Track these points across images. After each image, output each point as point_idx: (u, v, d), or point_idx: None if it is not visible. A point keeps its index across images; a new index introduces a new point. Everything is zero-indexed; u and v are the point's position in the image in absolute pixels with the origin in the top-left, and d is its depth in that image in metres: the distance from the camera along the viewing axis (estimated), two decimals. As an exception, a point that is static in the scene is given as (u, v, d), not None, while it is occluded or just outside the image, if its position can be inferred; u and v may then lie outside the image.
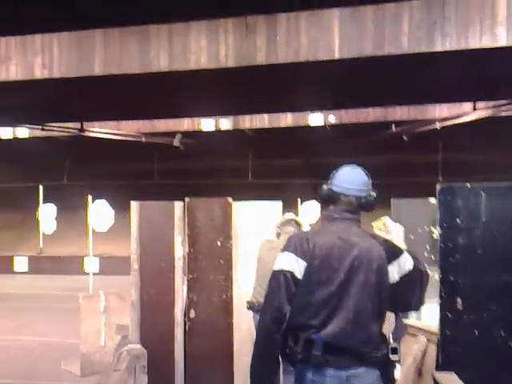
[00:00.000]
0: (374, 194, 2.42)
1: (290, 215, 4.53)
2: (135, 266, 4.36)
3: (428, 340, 3.47)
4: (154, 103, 11.32)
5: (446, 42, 6.88)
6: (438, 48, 6.91)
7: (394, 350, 2.33)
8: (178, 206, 4.46)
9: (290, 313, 2.23)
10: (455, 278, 3.17)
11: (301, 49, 7.37)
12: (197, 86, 9.34)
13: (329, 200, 2.42)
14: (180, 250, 4.44)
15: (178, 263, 4.42)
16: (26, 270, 16.28)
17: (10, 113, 11.71)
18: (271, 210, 4.66)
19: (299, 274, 2.26)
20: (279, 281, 2.26)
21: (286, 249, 2.34)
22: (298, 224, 4.26)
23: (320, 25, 7.21)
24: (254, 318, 4.01)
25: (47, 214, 16.10)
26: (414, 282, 2.35)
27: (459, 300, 3.12)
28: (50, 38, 8.22)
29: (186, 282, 4.41)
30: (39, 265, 16.18)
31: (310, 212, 11.26)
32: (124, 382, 3.11)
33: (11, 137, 14.89)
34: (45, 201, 16.37)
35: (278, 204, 4.71)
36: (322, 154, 14.12)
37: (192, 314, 4.36)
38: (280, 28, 7.37)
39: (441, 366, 2.99)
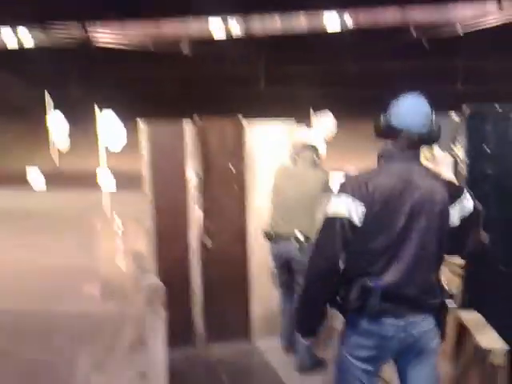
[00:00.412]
0: (436, 126, 2.18)
1: (302, 133, 4.27)
2: (148, 192, 4.24)
3: (452, 272, 3.39)
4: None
5: None
6: None
7: (451, 297, 2.27)
8: (189, 127, 4.24)
9: (344, 261, 2.09)
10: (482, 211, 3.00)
11: None
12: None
13: (387, 135, 2.17)
14: (193, 176, 4.29)
15: (192, 189, 4.29)
16: (41, 185, 16.30)
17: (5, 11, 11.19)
18: (287, 129, 4.44)
19: (357, 220, 2.07)
20: (335, 228, 2.07)
21: (341, 191, 2.11)
22: (315, 149, 4.04)
23: None
24: (272, 248, 3.94)
25: (58, 128, 15.84)
26: (473, 224, 2.23)
27: (485, 234, 2.99)
28: None
29: (200, 209, 4.31)
30: (53, 180, 16.18)
31: (324, 124, 10.93)
32: (143, 317, 3.10)
33: (16, 46, 14.38)
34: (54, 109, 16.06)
35: (294, 126, 4.48)
36: (339, 59, 13.54)
37: (207, 241, 4.30)
38: None
39: (465, 304, 2.92)
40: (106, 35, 13.29)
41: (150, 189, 4.21)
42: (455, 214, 2.15)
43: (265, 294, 4.31)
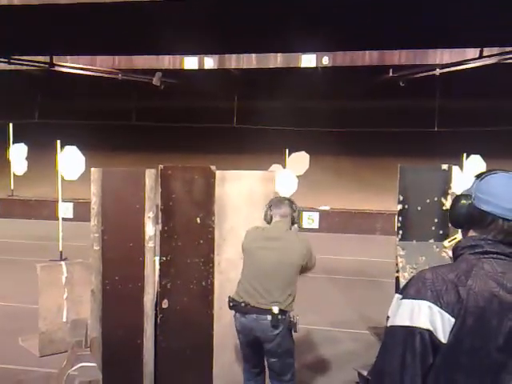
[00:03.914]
0: None
1: (279, 184, 3.72)
2: (96, 247, 3.59)
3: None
4: (129, 37, 10.26)
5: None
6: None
7: None
8: (150, 174, 3.65)
9: None
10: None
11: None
12: (176, 16, 8.37)
13: (473, 222, 1.62)
14: (151, 228, 3.68)
15: (149, 243, 3.67)
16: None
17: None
18: (263, 181, 3.87)
19: (443, 337, 1.45)
20: (413, 344, 1.44)
21: (418, 293, 1.50)
22: (292, 204, 3.47)
23: None
24: (237, 319, 3.30)
25: (17, 155, 15.08)
26: None
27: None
28: (7, -42, 7.23)
29: (158, 267, 3.68)
30: (10, 208, 15.34)
31: (298, 164, 10.49)
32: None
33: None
34: (15, 140, 15.28)
35: (272, 174, 3.92)
36: (314, 98, 13.23)
37: (165, 303, 3.67)
38: None
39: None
40: (72, 64, 12.71)
41: (98, 243, 3.56)
42: None
43: (229, 367, 3.68)
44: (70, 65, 12.65)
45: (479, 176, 1.65)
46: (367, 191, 13.92)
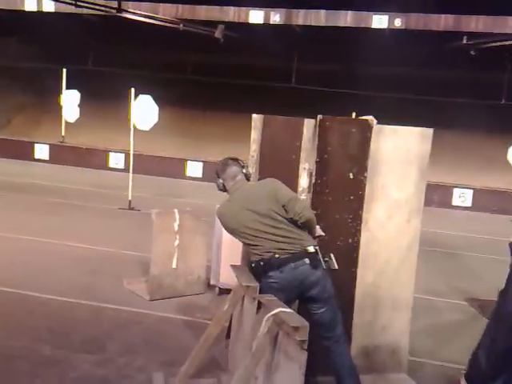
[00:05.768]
0: None
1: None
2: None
3: None
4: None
5: None
6: None
7: None
8: (308, 124, 3.53)
9: None
10: None
11: None
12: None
13: None
14: (305, 180, 3.59)
15: (302, 195, 3.59)
16: (47, 158, 15.49)
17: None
18: (420, 138, 3.72)
19: None
20: None
21: None
22: (238, 161, 3.23)
23: None
24: (274, 278, 3.04)
25: (70, 101, 15.00)
26: None
27: None
28: None
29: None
30: (60, 154, 15.37)
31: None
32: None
33: (35, 9, 13.53)
34: (68, 86, 15.17)
35: (430, 132, 3.75)
36: (381, 62, 12.85)
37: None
38: None
39: None
40: (135, 10, 12.47)
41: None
42: None
43: (368, 329, 3.65)
44: (134, 11, 12.41)
45: None
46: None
